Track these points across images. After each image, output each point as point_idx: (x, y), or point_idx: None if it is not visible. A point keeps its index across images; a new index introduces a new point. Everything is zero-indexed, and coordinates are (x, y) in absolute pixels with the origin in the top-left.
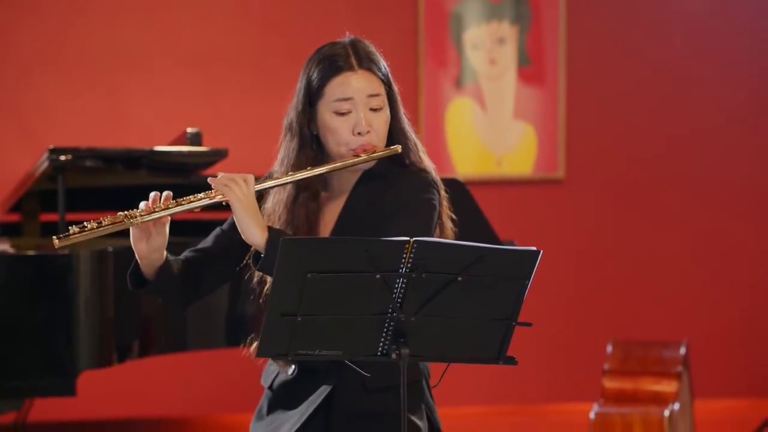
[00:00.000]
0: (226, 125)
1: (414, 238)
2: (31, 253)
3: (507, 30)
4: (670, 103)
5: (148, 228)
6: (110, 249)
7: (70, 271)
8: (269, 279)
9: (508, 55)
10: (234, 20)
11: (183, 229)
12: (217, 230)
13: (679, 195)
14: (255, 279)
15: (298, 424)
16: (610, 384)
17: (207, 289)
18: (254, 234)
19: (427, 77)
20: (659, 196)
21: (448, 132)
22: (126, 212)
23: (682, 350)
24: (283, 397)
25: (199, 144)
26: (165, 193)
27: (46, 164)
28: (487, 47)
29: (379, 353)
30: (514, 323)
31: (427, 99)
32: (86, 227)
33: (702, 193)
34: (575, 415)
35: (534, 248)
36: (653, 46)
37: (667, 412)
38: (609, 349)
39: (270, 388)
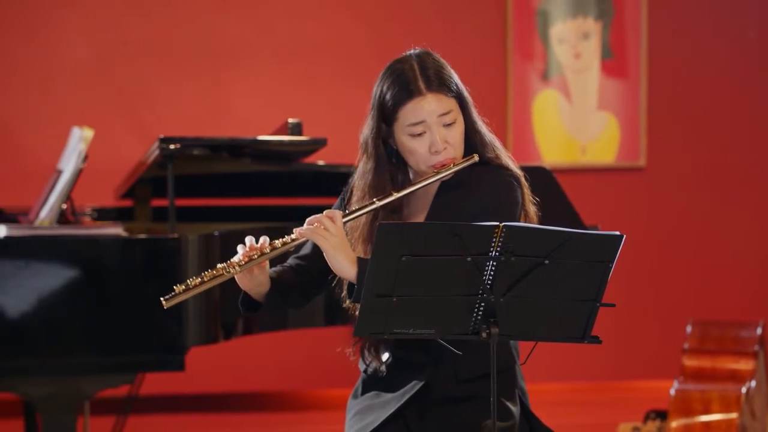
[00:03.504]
0: (325, 115)
1: (503, 223)
2: (142, 236)
3: (591, 25)
4: (746, 93)
5: (250, 270)
6: (216, 233)
7: (179, 253)
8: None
9: (592, 49)
10: (329, 13)
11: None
12: None
13: (757, 181)
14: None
15: (393, 409)
16: (689, 362)
17: (315, 291)
18: (345, 269)
19: (515, 71)
20: (737, 182)
21: (535, 122)
22: (225, 264)
23: (759, 330)
24: (379, 382)
25: (300, 133)
26: (261, 239)
27: (156, 153)
28: (572, 42)
29: (469, 332)
30: (598, 304)
31: (515, 91)
32: (190, 285)
33: None
34: (656, 391)
35: (617, 233)
36: (729, 38)
37: (744, 389)
38: (688, 329)
39: (365, 372)
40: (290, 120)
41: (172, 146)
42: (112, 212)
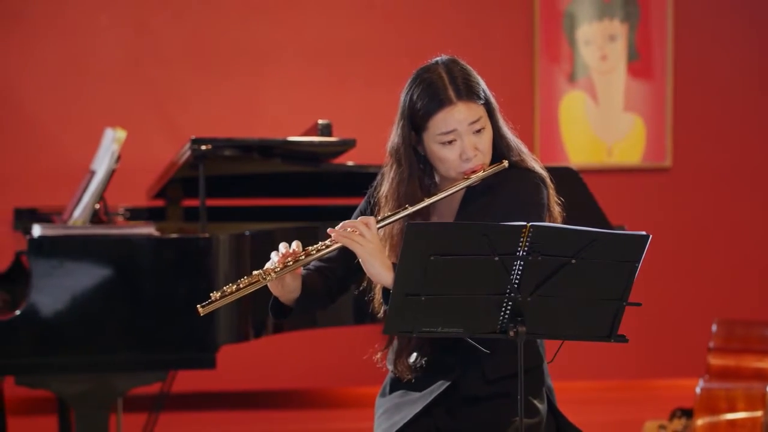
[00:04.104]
0: (354, 116)
1: (531, 223)
2: (174, 236)
3: (617, 27)
4: None
5: (283, 278)
6: (247, 233)
7: (210, 252)
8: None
9: (619, 50)
10: (359, 16)
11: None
12: None
13: None
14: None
15: (421, 407)
16: (714, 361)
17: (340, 293)
18: (381, 275)
19: (542, 72)
20: (761, 182)
21: (562, 123)
22: (260, 271)
23: None
24: (407, 382)
25: (330, 134)
26: (294, 244)
27: (188, 153)
28: (599, 43)
29: (497, 331)
30: (624, 303)
31: (542, 93)
32: (226, 291)
33: None
34: (682, 390)
35: (644, 233)
36: (755, 40)
37: None
38: (714, 328)
39: (394, 372)
40: (320, 121)
41: (203, 147)
42: (144, 212)
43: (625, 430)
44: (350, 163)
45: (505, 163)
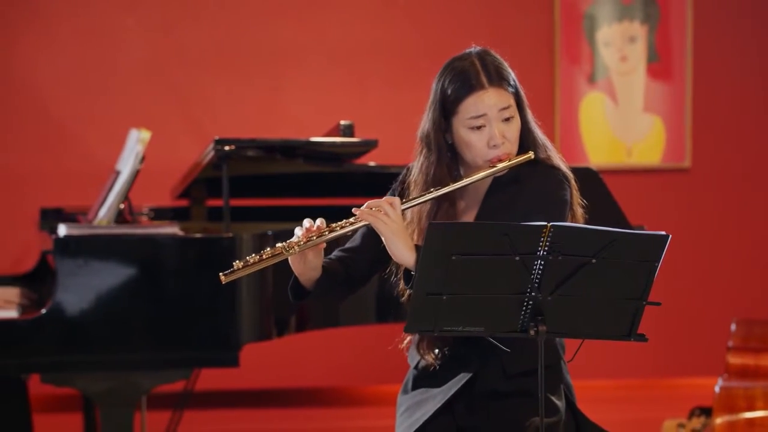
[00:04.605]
0: (376, 117)
1: (551, 223)
2: (198, 235)
3: (637, 29)
4: None
5: (305, 253)
6: (270, 232)
7: (233, 252)
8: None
9: (638, 52)
10: (381, 18)
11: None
12: (364, 229)
13: None
14: (395, 278)
15: (443, 402)
16: (733, 360)
17: (360, 284)
18: (404, 255)
19: (563, 73)
20: None
21: (582, 124)
22: (284, 243)
23: None
24: (428, 377)
25: (352, 135)
26: (318, 221)
27: (211, 154)
28: (619, 45)
29: (517, 330)
30: (644, 302)
31: (562, 93)
32: (249, 261)
33: None
34: (701, 388)
35: (663, 233)
36: None
37: None
38: (732, 327)
39: (415, 367)
40: (342, 122)
41: (227, 147)
42: (169, 212)
43: (645, 429)
44: (372, 163)
45: (531, 154)
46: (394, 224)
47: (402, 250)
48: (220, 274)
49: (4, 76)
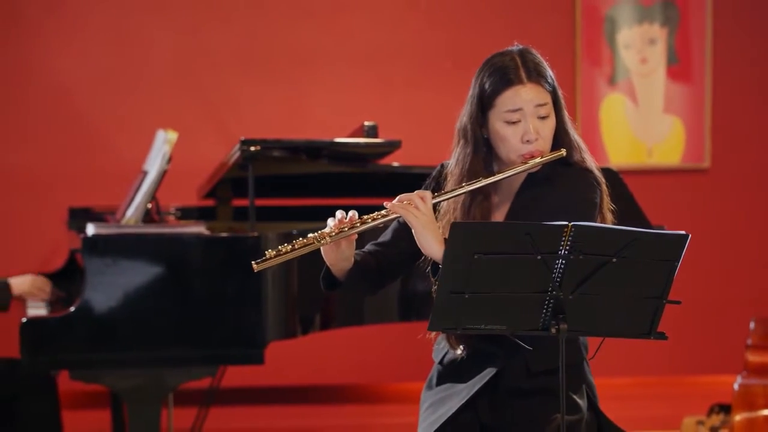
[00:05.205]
0: (399, 118)
1: (572, 223)
2: (224, 234)
3: (657, 31)
4: None
5: (338, 243)
6: (294, 232)
7: (258, 251)
8: None
9: (658, 54)
10: (404, 21)
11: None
12: (395, 224)
13: None
14: (429, 267)
15: (467, 398)
16: (752, 357)
17: (390, 278)
18: (433, 248)
19: (584, 75)
20: None
21: (603, 125)
22: (316, 234)
23: None
24: (452, 373)
25: (375, 136)
26: (351, 212)
27: (237, 154)
28: (639, 47)
29: (539, 328)
30: (664, 301)
31: (583, 95)
32: (281, 251)
33: None
34: (720, 386)
35: (683, 232)
36: None
37: None
38: (752, 325)
39: (440, 363)
40: (366, 123)
41: (252, 148)
42: (195, 212)
43: (665, 426)
44: (395, 163)
45: (563, 152)
46: (424, 217)
47: (431, 242)
48: (253, 262)
49: (33, 78)
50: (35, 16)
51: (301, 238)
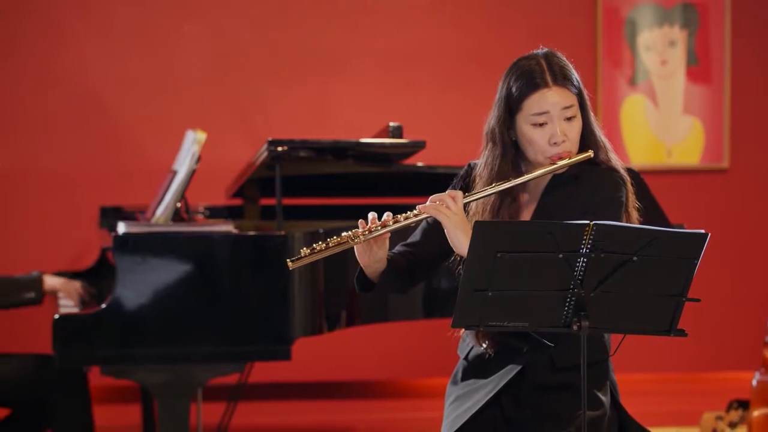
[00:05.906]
0: (424, 119)
1: (594, 222)
2: (252, 233)
3: (677, 33)
4: None
5: (371, 244)
6: (321, 230)
7: (286, 249)
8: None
9: (678, 56)
10: (428, 22)
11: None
12: (424, 224)
13: None
14: (459, 266)
15: (492, 393)
16: None
17: (420, 278)
18: (464, 246)
19: (605, 76)
20: None
21: (623, 126)
22: (350, 232)
23: None
24: (478, 368)
25: (400, 136)
26: (386, 214)
27: (265, 155)
28: (659, 49)
29: (561, 325)
30: (684, 299)
31: (604, 96)
32: (315, 249)
33: None
34: (739, 382)
35: (702, 231)
36: None
37: None
38: None
39: (465, 358)
40: (391, 123)
41: (279, 148)
42: (223, 211)
43: (684, 421)
44: (420, 163)
45: (590, 153)
46: (456, 217)
47: (463, 241)
48: (288, 260)
49: (65, 79)
50: (66, 19)
51: (335, 237)
